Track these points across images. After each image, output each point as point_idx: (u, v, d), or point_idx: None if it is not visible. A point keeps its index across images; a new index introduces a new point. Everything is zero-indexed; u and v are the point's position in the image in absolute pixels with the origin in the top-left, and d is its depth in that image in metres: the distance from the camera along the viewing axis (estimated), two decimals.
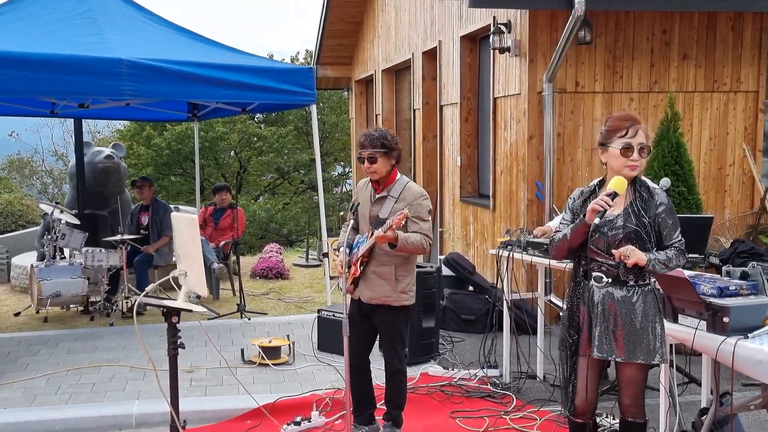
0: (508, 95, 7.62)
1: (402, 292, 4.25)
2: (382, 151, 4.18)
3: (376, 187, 4.30)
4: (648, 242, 3.35)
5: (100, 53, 6.06)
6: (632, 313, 3.38)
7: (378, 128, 4.32)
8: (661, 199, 3.39)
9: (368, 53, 13.92)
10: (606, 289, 3.41)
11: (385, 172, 4.24)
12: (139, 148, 24.16)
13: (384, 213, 4.19)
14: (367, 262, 4.25)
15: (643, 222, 3.34)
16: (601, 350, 3.42)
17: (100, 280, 7.53)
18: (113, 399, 5.11)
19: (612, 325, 3.39)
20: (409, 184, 4.30)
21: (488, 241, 8.30)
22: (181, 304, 3.52)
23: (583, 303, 3.46)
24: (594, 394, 3.53)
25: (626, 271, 3.36)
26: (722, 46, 7.22)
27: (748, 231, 7.14)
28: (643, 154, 3.31)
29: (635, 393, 3.44)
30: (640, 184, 3.42)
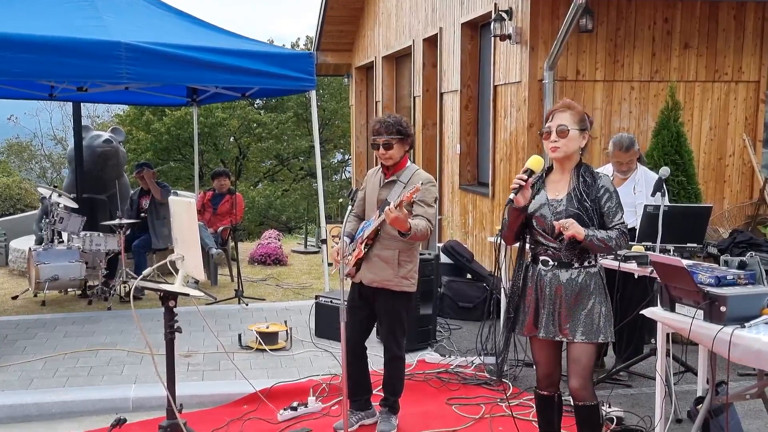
0: (508, 83, 7.59)
1: (403, 278, 4.25)
2: (397, 138, 4.19)
3: (386, 172, 4.30)
4: (590, 226, 3.39)
5: (99, 36, 6.02)
6: (577, 294, 3.44)
7: (392, 114, 4.32)
8: (603, 183, 3.45)
9: (369, 40, 13.86)
10: (552, 272, 3.48)
11: (399, 158, 4.26)
12: (138, 133, 24.10)
13: (392, 197, 4.19)
14: (372, 244, 4.25)
15: (585, 206, 3.41)
16: (547, 331, 3.50)
17: (98, 264, 7.53)
18: (110, 383, 5.12)
19: (558, 307, 3.47)
20: (419, 170, 4.31)
21: (487, 229, 8.30)
22: (178, 288, 3.51)
23: (531, 285, 3.54)
24: (553, 369, 3.60)
25: (569, 253, 3.44)
26: (724, 35, 7.19)
27: (747, 221, 7.14)
28: (562, 135, 3.40)
29: (581, 373, 3.43)
30: (585, 169, 3.50)
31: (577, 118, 3.43)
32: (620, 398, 4.91)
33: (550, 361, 3.60)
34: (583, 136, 3.46)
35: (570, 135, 3.41)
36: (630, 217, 5.13)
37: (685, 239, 4.76)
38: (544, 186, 3.54)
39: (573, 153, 3.46)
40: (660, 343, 3.94)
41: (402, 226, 3.95)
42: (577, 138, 3.44)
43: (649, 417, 4.44)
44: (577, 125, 3.43)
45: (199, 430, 4.12)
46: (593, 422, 3.48)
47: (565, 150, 3.43)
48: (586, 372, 3.45)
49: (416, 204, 4.14)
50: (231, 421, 4.54)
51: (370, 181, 4.41)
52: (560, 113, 3.45)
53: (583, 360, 3.44)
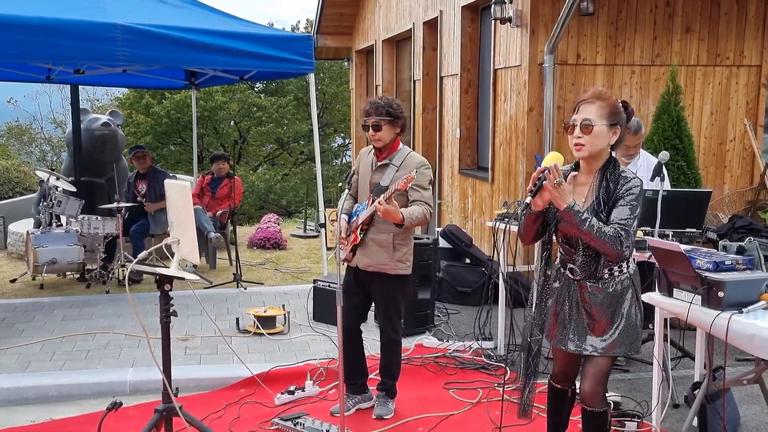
0: (508, 67, 7.54)
1: (399, 261, 4.24)
2: (387, 119, 4.16)
3: (378, 155, 4.28)
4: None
5: (95, 18, 5.98)
6: (608, 307, 3.15)
7: (384, 96, 4.30)
8: (629, 186, 3.02)
9: (369, 23, 13.76)
10: (578, 282, 3.20)
11: (389, 140, 4.22)
12: (138, 116, 24.03)
13: (385, 181, 4.18)
14: (366, 229, 4.24)
15: (601, 218, 3.02)
16: (563, 343, 3.26)
17: (97, 247, 7.52)
18: (108, 366, 5.12)
19: (590, 320, 3.19)
20: (411, 153, 4.29)
21: (486, 213, 8.28)
22: (173, 271, 3.49)
23: (558, 292, 3.28)
24: (571, 368, 3.40)
25: (596, 265, 3.13)
26: (726, 19, 7.13)
27: (746, 207, 7.12)
28: (586, 131, 3.01)
29: (597, 379, 3.19)
30: (611, 172, 3.08)
31: (606, 111, 3.02)
32: (618, 383, 4.92)
33: (568, 362, 3.40)
34: (614, 131, 3.04)
35: (595, 131, 3.01)
36: None
37: (684, 224, 4.74)
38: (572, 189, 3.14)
39: (600, 151, 3.05)
40: (658, 328, 3.93)
41: (395, 218, 3.95)
42: (604, 134, 3.02)
43: (646, 402, 4.44)
44: (606, 119, 3.02)
45: (196, 413, 4.12)
46: (600, 429, 3.26)
47: (590, 149, 3.03)
48: (602, 378, 3.21)
49: (412, 189, 4.12)
50: (228, 405, 4.54)
51: (363, 161, 4.38)
52: (587, 105, 3.05)
53: (601, 366, 3.19)
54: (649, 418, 4.19)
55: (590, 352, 3.19)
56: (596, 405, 3.21)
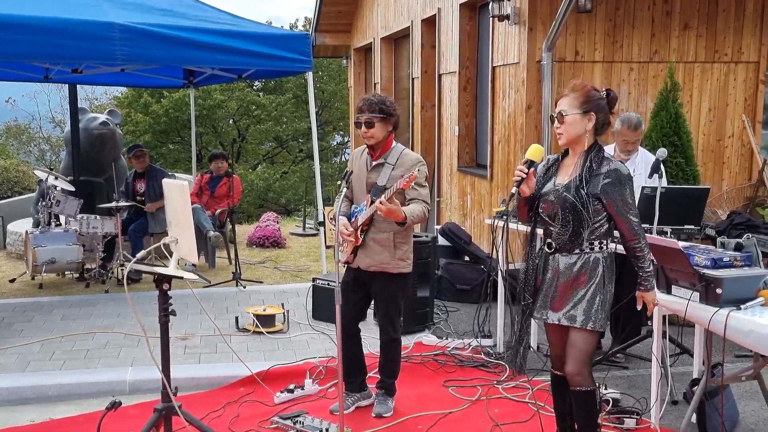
0: (506, 64, 7.53)
1: (400, 260, 4.25)
2: (379, 117, 4.15)
3: (372, 154, 4.27)
4: (584, 214, 3.30)
5: (93, 17, 5.97)
6: (573, 280, 3.36)
7: (377, 93, 4.30)
8: (612, 166, 3.29)
9: (367, 21, 13.75)
10: (553, 255, 3.43)
11: (382, 137, 4.21)
12: (136, 115, 24.03)
13: (382, 180, 4.18)
14: (367, 230, 4.24)
15: (581, 194, 3.29)
16: (540, 313, 3.49)
17: (96, 247, 7.52)
18: (107, 365, 5.12)
19: (553, 291, 3.43)
20: (405, 150, 4.28)
21: (485, 211, 8.28)
22: (172, 271, 3.49)
23: (537, 267, 3.51)
24: (561, 347, 3.50)
25: (569, 238, 3.36)
26: (724, 16, 7.13)
27: (745, 203, 7.12)
28: (561, 120, 3.32)
29: (576, 357, 3.37)
30: (595, 154, 3.35)
31: (579, 101, 3.31)
32: (617, 380, 4.92)
33: (559, 343, 3.52)
34: (588, 118, 3.31)
35: (568, 119, 3.31)
36: None
37: (682, 221, 4.74)
38: (557, 170, 3.45)
39: (578, 136, 3.33)
40: (656, 325, 3.93)
41: (397, 216, 3.95)
42: (578, 121, 3.30)
43: (645, 399, 4.44)
44: (579, 108, 3.30)
45: (195, 412, 4.12)
46: (588, 408, 3.41)
47: (567, 135, 3.33)
48: (582, 357, 3.37)
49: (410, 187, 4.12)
50: (227, 404, 4.55)
51: (357, 162, 4.36)
52: (563, 98, 3.36)
53: (578, 344, 3.37)
54: (648, 414, 4.19)
55: (554, 320, 3.43)
56: (582, 384, 3.37)
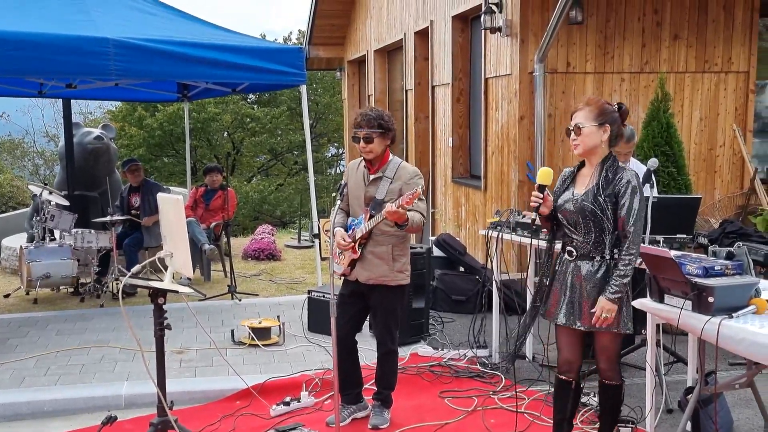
0: (499, 75, 7.58)
1: (399, 272, 4.27)
2: (378, 132, 4.17)
3: (370, 167, 4.28)
4: (605, 221, 3.52)
5: (86, 32, 5.99)
6: (597, 286, 3.56)
7: (374, 108, 4.29)
8: (626, 177, 3.48)
9: (360, 33, 13.83)
10: (575, 262, 3.63)
11: (380, 151, 4.23)
12: (131, 129, 24.03)
13: (380, 194, 4.19)
14: (365, 243, 4.25)
15: (599, 201, 3.50)
16: (567, 318, 3.66)
17: (90, 261, 7.51)
18: (102, 380, 5.11)
19: (579, 297, 3.61)
20: (403, 163, 4.30)
21: (479, 221, 8.31)
22: (167, 285, 3.51)
23: (558, 273, 3.70)
24: (575, 355, 3.75)
25: (592, 246, 3.57)
26: (713, 26, 7.20)
27: (737, 211, 7.16)
28: (578, 132, 3.53)
29: (608, 358, 3.68)
30: (610, 164, 3.55)
31: (593, 114, 3.52)
32: None
33: (571, 348, 3.74)
34: (604, 129, 3.51)
35: (585, 131, 3.51)
36: None
37: (674, 230, 4.78)
38: (574, 180, 3.66)
39: (594, 148, 3.54)
40: (650, 334, 3.95)
41: (401, 218, 3.98)
42: (594, 133, 3.51)
43: (640, 407, 4.46)
44: (594, 120, 3.51)
45: (191, 426, 4.12)
46: (615, 400, 3.75)
47: (583, 146, 3.54)
48: (613, 356, 3.69)
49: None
50: (223, 417, 4.54)
51: (353, 175, 4.37)
52: (578, 111, 3.56)
53: (609, 347, 3.66)
54: (643, 423, 4.20)
55: (578, 326, 3.62)
56: (613, 379, 3.72)
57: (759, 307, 3.38)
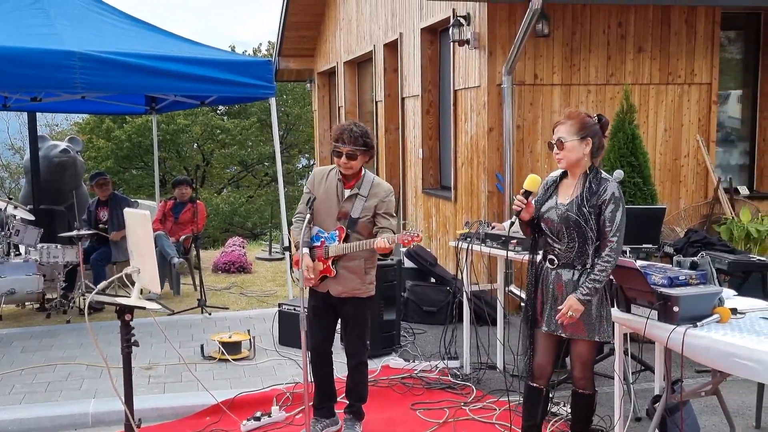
0: (468, 87, 7.65)
1: (370, 284, 4.35)
2: (362, 149, 4.17)
3: (345, 182, 4.27)
4: (588, 231, 3.59)
5: (52, 45, 5.93)
6: (569, 291, 3.62)
7: (358, 124, 4.24)
8: (609, 188, 3.57)
9: (330, 45, 13.85)
10: (556, 271, 3.70)
11: (359, 168, 4.24)
12: (98, 141, 23.74)
13: (355, 212, 4.22)
14: (337, 259, 4.25)
15: (583, 212, 3.58)
16: (548, 325, 3.73)
17: (56, 276, 7.39)
18: (69, 398, 5.03)
19: (559, 304, 3.65)
20: (376, 180, 4.32)
21: (450, 232, 8.35)
22: (134, 301, 3.47)
23: (539, 281, 3.79)
24: (547, 361, 3.82)
25: (572, 255, 3.64)
26: (676, 39, 7.34)
27: (702, 220, 7.29)
28: (560, 146, 3.62)
29: (583, 365, 3.74)
30: (594, 175, 3.64)
31: (575, 128, 3.60)
32: None
33: (545, 353, 3.81)
34: (586, 143, 3.60)
35: (567, 146, 3.60)
36: None
37: (641, 240, 4.85)
38: (557, 190, 3.74)
39: (577, 160, 3.62)
40: (618, 343, 4.00)
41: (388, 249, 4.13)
42: (576, 147, 3.60)
43: (609, 416, 4.50)
44: (576, 134, 3.60)
45: None
46: (588, 410, 3.81)
47: (567, 160, 3.64)
48: (588, 364, 3.75)
49: (380, 216, 4.22)
50: None
51: (321, 186, 4.31)
52: (560, 125, 3.65)
53: (585, 355, 3.72)
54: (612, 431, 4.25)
55: (560, 333, 3.70)
56: (586, 387, 3.77)
57: (722, 316, 3.45)
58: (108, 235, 7.88)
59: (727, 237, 6.79)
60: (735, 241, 6.72)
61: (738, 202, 7.31)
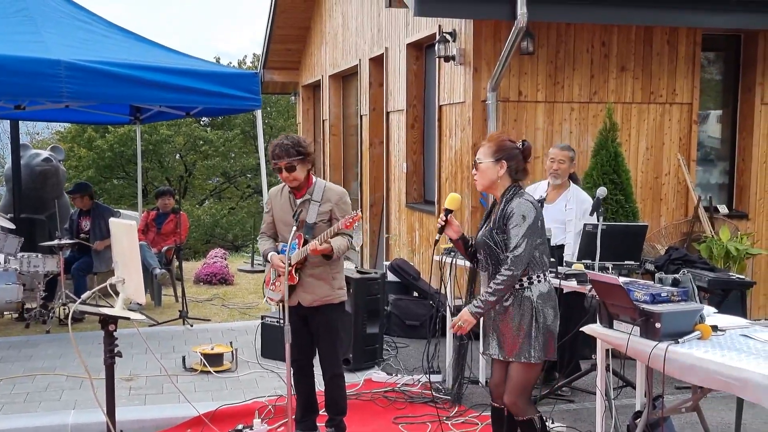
0: (453, 103, 7.71)
1: (339, 289, 4.39)
2: (298, 159, 4.23)
3: (296, 193, 4.33)
4: (500, 254, 3.63)
5: (37, 54, 5.90)
6: (506, 317, 3.65)
7: (288, 135, 4.36)
8: (513, 206, 3.58)
9: (315, 58, 13.90)
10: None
11: (303, 178, 4.28)
12: (80, 150, 23.57)
13: (311, 218, 4.27)
14: (301, 267, 4.28)
15: (493, 235, 3.64)
16: (485, 348, 3.81)
17: (37, 286, 7.31)
18: (48, 409, 4.98)
19: (491, 327, 3.73)
20: (328, 185, 4.40)
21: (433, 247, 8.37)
22: (118, 311, 3.45)
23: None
24: (499, 378, 3.79)
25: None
26: (658, 59, 7.45)
27: (682, 238, 7.37)
28: (476, 167, 3.71)
29: (512, 389, 3.68)
30: (509, 196, 3.66)
31: (491, 150, 3.66)
32: (563, 413, 5.01)
33: (497, 374, 3.82)
34: (501, 165, 3.63)
35: (481, 167, 3.68)
36: (559, 234, 5.31)
37: (623, 257, 4.90)
38: (489, 215, 3.78)
39: (492, 182, 3.67)
40: (600, 359, 4.04)
41: (325, 251, 4.13)
42: (490, 168, 3.65)
43: (590, 431, 4.53)
44: (491, 156, 3.65)
45: None
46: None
47: (481, 181, 3.70)
48: (517, 388, 3.67)
49: (334, 220, 4.26)
50: None
51: (277, 203, 4.43)
52: (480, 147, 3.73)
53: (513, 377, 3.68)
54: None
55: (495, 355, 3.72)
56: (518, 414, 3.68)
57: (703, 333, 3.49)
58: (90, 244, 7.83)
59: (706, 255, 6.87)
60: (714, 259, 6.80)
61: (717, 220, 7.41)
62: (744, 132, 7.92)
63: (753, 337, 3.53)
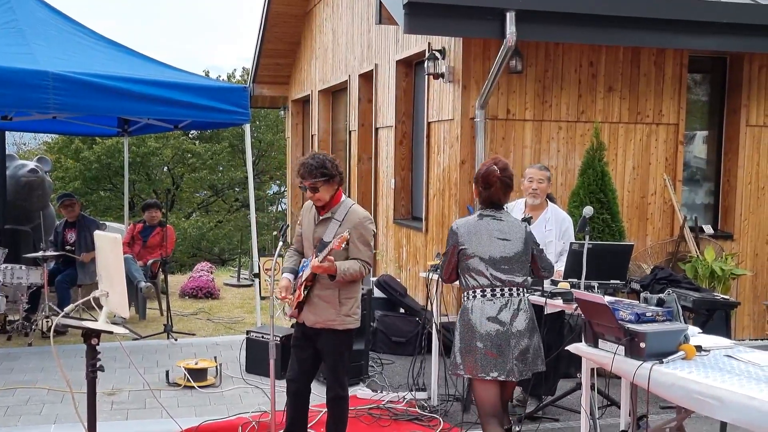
0: (441, 120, 7.74)
1: (346, 315, 4.22)
2: (322, 180, 4.15)
3: (320, 210, 4.28)
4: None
5: (26, 65, 5.88)
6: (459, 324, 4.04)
7: (316, 155, 4.24)
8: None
9: (305, 73, 13.94)
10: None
11: (329, 197, 4.22)
12: (67, 161, 23.45)
13: (328, 236, 4.16)
14: (311, 286, 4.21)
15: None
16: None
17: (20, 298, 7.24)
18: (28, 423, 4.92)
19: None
20: (354, 206, 4.27)
21: (420, 263, 8.37)
22: (101, 325, 3.42)
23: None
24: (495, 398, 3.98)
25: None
26: (645, 79, 7.53)
27: (668, 258, 7.41)
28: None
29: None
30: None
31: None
32: None
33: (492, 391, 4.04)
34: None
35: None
36: None
37: (608, 276, 4.91)
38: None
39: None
40: (585, 377, 4.04)
41: (327, 270, 4.02)
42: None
43: None
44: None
45: None
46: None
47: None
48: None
49: (353, 245, 4.14)
50: None
51: (306, 217, 4.38)
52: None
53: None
54: None
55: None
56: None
57: (688, 353, 3.50)
58: (75, 256, 7.77)
59: (691, 275, 6.91)
60: (699, 279, 6.84)
61: (703, 240, 7.47)
62: (729, 153, 8.01)
63: (737, 357, 3.54)
